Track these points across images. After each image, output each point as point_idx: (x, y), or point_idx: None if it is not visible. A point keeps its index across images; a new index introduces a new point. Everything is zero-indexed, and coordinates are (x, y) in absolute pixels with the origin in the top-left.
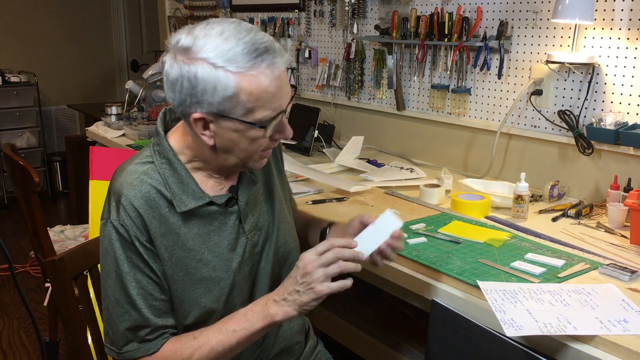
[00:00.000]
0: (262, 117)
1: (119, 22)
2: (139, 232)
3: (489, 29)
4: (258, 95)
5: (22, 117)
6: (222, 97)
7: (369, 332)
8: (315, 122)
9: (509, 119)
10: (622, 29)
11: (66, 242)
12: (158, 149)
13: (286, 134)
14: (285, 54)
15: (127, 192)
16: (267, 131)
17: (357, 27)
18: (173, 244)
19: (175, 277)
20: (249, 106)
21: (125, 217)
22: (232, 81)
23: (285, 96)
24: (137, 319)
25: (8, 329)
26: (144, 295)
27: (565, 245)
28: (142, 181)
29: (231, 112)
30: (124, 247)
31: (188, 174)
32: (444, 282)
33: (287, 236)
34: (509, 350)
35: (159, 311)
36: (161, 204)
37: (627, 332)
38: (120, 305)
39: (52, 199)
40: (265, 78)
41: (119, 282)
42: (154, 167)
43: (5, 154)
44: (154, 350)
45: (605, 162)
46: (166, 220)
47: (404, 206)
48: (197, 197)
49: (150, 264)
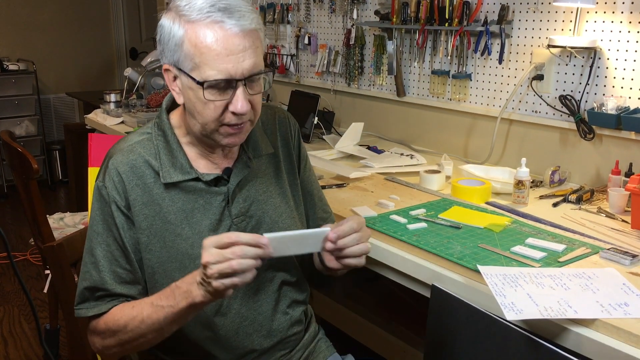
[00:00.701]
0: (207, 77)
1: (117, 9)
2: (117, 197)
3: (489, 14)
4: (201, 49)
5: (21, 106)
6: (173, 45)
7: (369, 319)
8: (315, 109)
9: (510, 105)
10: (625, 13)
11: (66, 229)
12: (157, 122)
13: (237, 107)
14: (244, 21)
15: (116, 158)
16: (206, 92)
17: (357, 12)
18: (154, 214)
19: (151, 247)
20: (196, 61)
21: (108, 181)
22: (181, 30)
23: (237, 63)
24: (97, 280)
25: (9, 317)
26: (109, 260)
27: (566, 230)
28: (132, 149)
29: (183, 65)
30: (102, 209)
31: (180, 148)
32: (444, 267)
33: (285, 229)
34: (510, 334)
35: (120, 279)
36: (147, 173)
37: (627, 315)
38: (85, 264)
39: (51, 188)
40: (210, 33)
41: (89, 242)
42: (150, 138)
43: (4, 141)
44: (102, 311)
45: (606, 147)
46: (150, 190)
47: (404, 192)
48: (185, 171)
49: (122, 232)
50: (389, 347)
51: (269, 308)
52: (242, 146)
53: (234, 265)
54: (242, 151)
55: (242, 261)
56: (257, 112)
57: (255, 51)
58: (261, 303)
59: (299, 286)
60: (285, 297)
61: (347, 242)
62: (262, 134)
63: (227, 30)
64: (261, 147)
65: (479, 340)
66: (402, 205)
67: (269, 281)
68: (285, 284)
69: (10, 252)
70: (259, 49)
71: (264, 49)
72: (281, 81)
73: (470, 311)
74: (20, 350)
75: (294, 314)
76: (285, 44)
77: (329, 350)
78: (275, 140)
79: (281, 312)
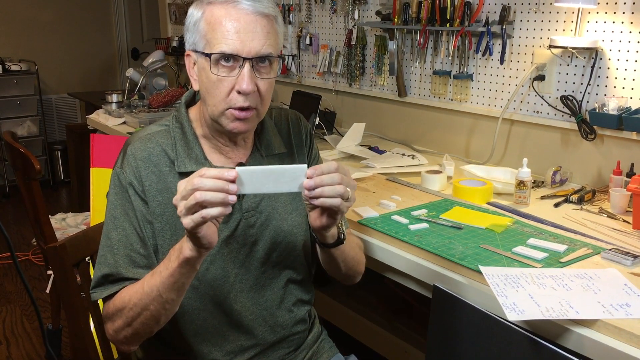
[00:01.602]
0: (217, 51)
1: (119, 10)
2: (135, 181)
3: (491, 14)
4: (214, 25)
5: (23, 106)
6: (192, 27)
7: (371, 319)
8: (316, 109)
9: (511, 105)
10: (626, 13)
11: (68, 229)
12: (176, 115)
13: (242, 86)
14: (259, 5)
15: (134, 145)
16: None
17: (358, 13)
18: (167, 201)
19: (163, 233)
20: (208, 37)
21: (126, 166)
22: (199, 12)
23: (246, 41)
24: (111, 263)
25: (11, 317)
26: (124, 244)
27: (567, 230)
28: (150, 138)
29: (197, 45)
30: (119, 194)
31: (196, 140)
32: (445, 268)
33: (295, 227)
34: (511, 334)
35: (134, 263)
36: (163, 161)
37: (629, 316)
38: (102, 247)
39: (53, 188)
40: (224, 10)
41: (106, 226)
42: (168, 129)
43: (6, 141)
44: (113, 291)
45: (607, 148)
46: (165, 178)
47: (406, 192)
48: (199, 162)
49: (138, 216)
50: (391, 347)
51: (273, 304)
52: (255, 143)
53: (197, 196)
54: (255, 148)
55: (205, 193)
56: (265, 101)
57: (267, 35)
58: (266, 299)
59: (305, 286)
60: (291, 294)
61: (324, 179)
62: (275, 133)
63: (241, 10)
64: (274, 146)
65: (481, 340)
66: (403, 205)
67: (275, 278)
68: (291, 282)
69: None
70: (272, 35)
71: (280, 41)
72: (283, 81)
73: (472, 312)
74: (22, 350)
75: (298, 312)
76: (287, 45)
77: (332, 351)
78: (289, 140)
79: (286, 309)
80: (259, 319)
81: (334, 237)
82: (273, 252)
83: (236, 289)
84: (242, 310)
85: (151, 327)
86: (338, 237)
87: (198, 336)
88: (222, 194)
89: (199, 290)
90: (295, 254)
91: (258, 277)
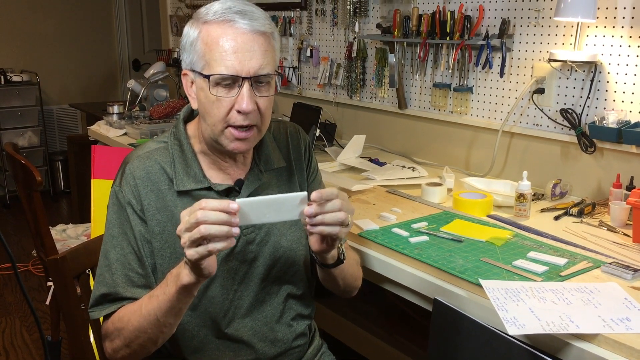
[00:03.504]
0: (216, 72)
1: (120, 21)
2: (134, 200)
3: (490, 27)
4: (212, 46)
5: (24, 117)
6: (189, 47)
7: (372, 332)
8: (317, 121)
9: (511, 118)
10: (625, 27)
11: (68, 241)
12: (174, 131)
13: (241, 105)
14: (256, 23)
15: (133, 163)
16: (212, 87)
17: (359, 25)
18: (166, 220)
19: (162, 252)
20: (206, 58)
21: (125, 185)
22: (196, 31)
23: (244, 61)
24: (109, 282)
25: (10, 328)
26: (122, 263)
27: (567, 243)
28: (149, 156)
29: (195, 65)
30: (118, 213)
31: (194, 157)
32: (446, 281)
33: (294, 243)
34: (512, 348)
35: (132, 282)
36: (162, 180)
37: (629, 330)
38: (100, 267)
39: (53, 198)
40: (221, 30)
41: (105, 245)
42: (167, 147)
43: (8, 152)
44: (112, 310)
45: (607, 161)
46: (164, 196)
47: (406, 205)
48: (198, 180)
49: (137, 236)
50: None
51: (273, 319)
52: (254, 159)
53: (201, 230)
54: (254, 164)
55: (210, 226)
56: (265, 119)
57: (264, 53)
58: (266, 314)
59: (305, 300)
60: (290, 309)
61: (326, 207)
62: (274, 147)
63: (238, 29)
64: (273, 161)
65: (482, 354)
66: (403, 218)
67: (275, 293)
68: (291, 297)
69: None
70: (269, 53)
71: (277, 57)
72: (283, 93)
73: (472, 325)
74: None
75: (297, 327)
76: (288, 57)
77: None
78: (288, 154)
79: (285, 323)
80: (258, 334)
81: (334, 258)
82: (273, 267)
83: (236, 305)
84: (241, 326)
85: (149, 348)
86: (338, 257)
87: (198, 352)
88: (226, 227)
89: (199, 308)
90: (295, 269)
91: (258, 292)
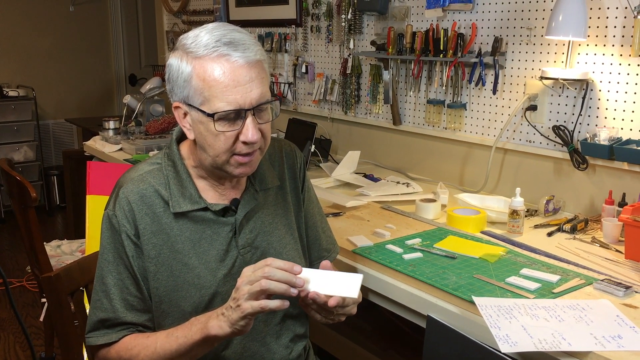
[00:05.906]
0: (217, 109)
1: (117, 36)
2: (128, 225)
3: (483, 45)
4: (210, 82)
5: (20, 131)
6: (182, 82)
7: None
8: (312, 137)
9: (504, 134)
10: (615, 46)
11: (63, 257)
12: (167, 152)
13: (247, 136)
14: (249, 53)
15: (126, 187)
16: (217, 124)
17: (354, 42)
18: (162, 243)
19: (158, 275)
20: (205, 94)
21: (118, 209)
22: (189, 67)
23: (245, 93)
24: (108, 308)
25: (4, 344)
26: (120, 288)
27: (560, 260)
28: (143, 179)
29: (193, 100)
30: (112, 238)
31: (189, 178)
32: (439, 298)
33: (290, 261)
34: None
35: (131, 306)
36: (157, 202)
37: (621, 348)
38: (97, 292)
39: (49, 213)
40: (217, 66)
41: (100, 270)
42: (160, 168)
43: (3, 169)
44: (112, 340)
45: (599, 177)
46: (159, 219)
47: (400, 221)
48: (194, 201)
49: (132, 260)
50: None
51: (271, 340)
52: (249, 178)
53: (262, 284)
54: (249, 183)
55: (272, 282)
56: (267, 140)
57: (262, 81)
58: (264, 335)
59: (301, 319)
60: (288, 330)
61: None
62: (269, 166)
63: (234, 63)
64: (268, 180)
65: None
66: (398, 234)
67: (272, 314)
68: (288, 317)
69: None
70: (265, 79)
71: (269, 79)
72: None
73: (465, 343)
74: None
75: (295, 349)
76: (283, 73)
77: None
78: (282, 173)
79: (283, 345)
80: (256, 355)
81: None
82: None
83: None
84: (239, 348)
85: None
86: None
87: None
88: (285, 285)
89: None
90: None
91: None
